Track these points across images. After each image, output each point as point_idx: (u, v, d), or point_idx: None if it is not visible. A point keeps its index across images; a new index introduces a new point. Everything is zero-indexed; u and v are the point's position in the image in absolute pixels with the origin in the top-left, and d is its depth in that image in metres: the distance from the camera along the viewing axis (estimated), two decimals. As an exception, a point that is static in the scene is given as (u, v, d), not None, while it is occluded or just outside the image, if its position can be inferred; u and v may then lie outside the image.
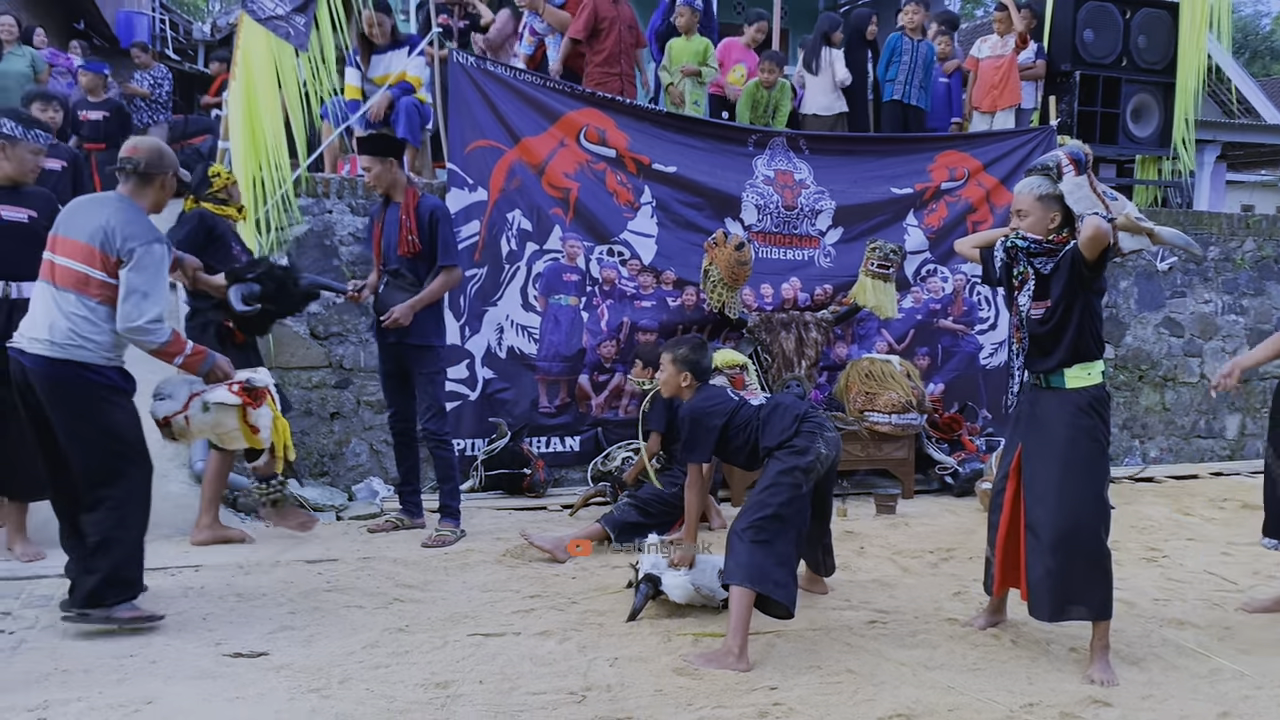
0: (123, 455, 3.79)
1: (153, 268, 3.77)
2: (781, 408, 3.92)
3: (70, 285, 3.73)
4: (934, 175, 7.12)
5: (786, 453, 3.77)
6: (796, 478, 3.73)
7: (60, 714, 3.07)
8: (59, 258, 3.78)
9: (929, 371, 7.08)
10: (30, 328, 3.76)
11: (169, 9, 22.60)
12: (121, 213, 3.80)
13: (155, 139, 4.24)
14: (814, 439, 3.80)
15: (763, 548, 3.62)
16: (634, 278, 6.42)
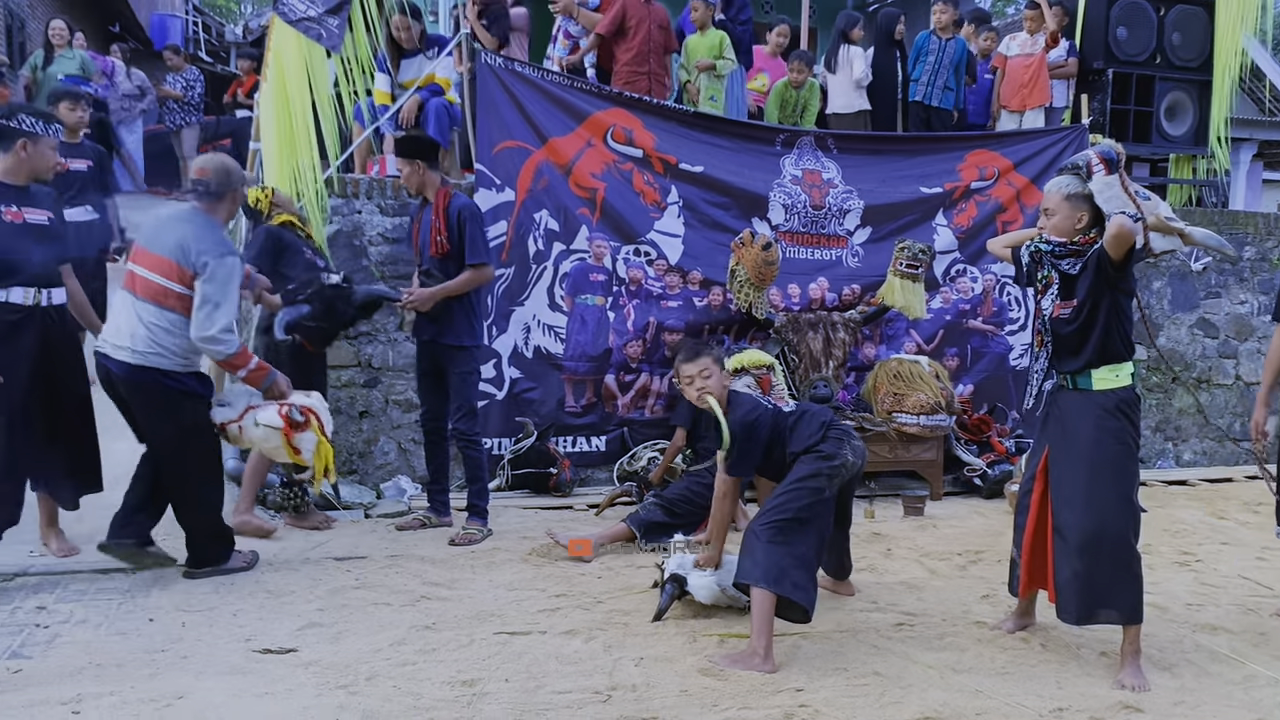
0: (200, 450, 4.26)
1: (224, 280, 4.07)
2: (809, 414, 3.90)
3: (150, 297, 4.07)
4: (963, 174, 7.06)
5: (812, 457, 3.76)
6: (820, 482, 3.71)
7: (93, 708, 3.12)
8: (140, 269, 4.09)
9: (958, 372, 7.03)
10: (114, 334, 4.13)
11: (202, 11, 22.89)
12: (197, 227, 4.14)
13: (222, 157, 4.34)
14: (841, 445, 3.80)
15: (781, 548, 3.61)
16: (660, 278, 6.42)
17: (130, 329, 4.07)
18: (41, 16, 14.13)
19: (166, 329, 4.07)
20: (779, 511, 3.69)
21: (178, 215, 4.26)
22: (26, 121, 4.37)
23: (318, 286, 4.96)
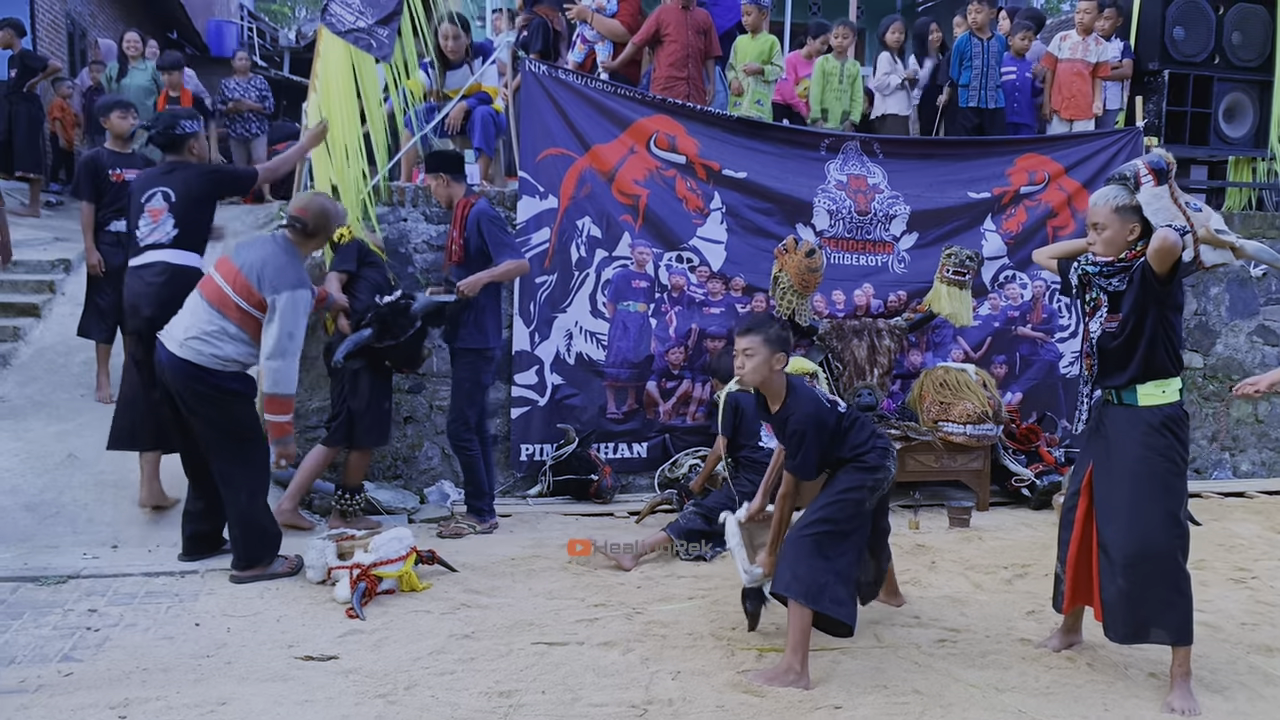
0: (243, 442, 4.40)
1: (300, 310, 4.28)
2: (859, 422, 3.79)
3: (214, 301, 4.29)
4: (1013, 179, 6.94)
5: (856, 466, 3.69)
6: (863, 494, 3.66)
7: (139, 712, 3.19)
8: (217, 275, 4.35)
9: (1006, 380, 6.91)
10: (174, 327, 4.36)
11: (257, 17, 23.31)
12: (280, 255, 4.34)
13: (323, 200, 4.53)
14: (885, 456, 3.72)
15: (821, 562, 3.56)
16: (703, 284, 6.39)
17: (187, 325, 4.31)
18: (103, 25, 14.52)
19: (219, 333, 4.26)
20: (821, 524, 3.64)
21: (269, 238, 4.49)
22: (189, 125, 4.98)
23: (374, 309, 5.07)
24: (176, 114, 5.28)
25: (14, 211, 8.82)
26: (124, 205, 5.95)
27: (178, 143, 5.00)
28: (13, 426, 5.69)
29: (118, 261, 5.95)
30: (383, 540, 4.45)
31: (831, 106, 7.40)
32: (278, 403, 4.29)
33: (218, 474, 4.43)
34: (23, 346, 6.47)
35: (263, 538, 4.50)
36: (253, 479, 4.46)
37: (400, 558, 4.41)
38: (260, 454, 4.50)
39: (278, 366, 4.23)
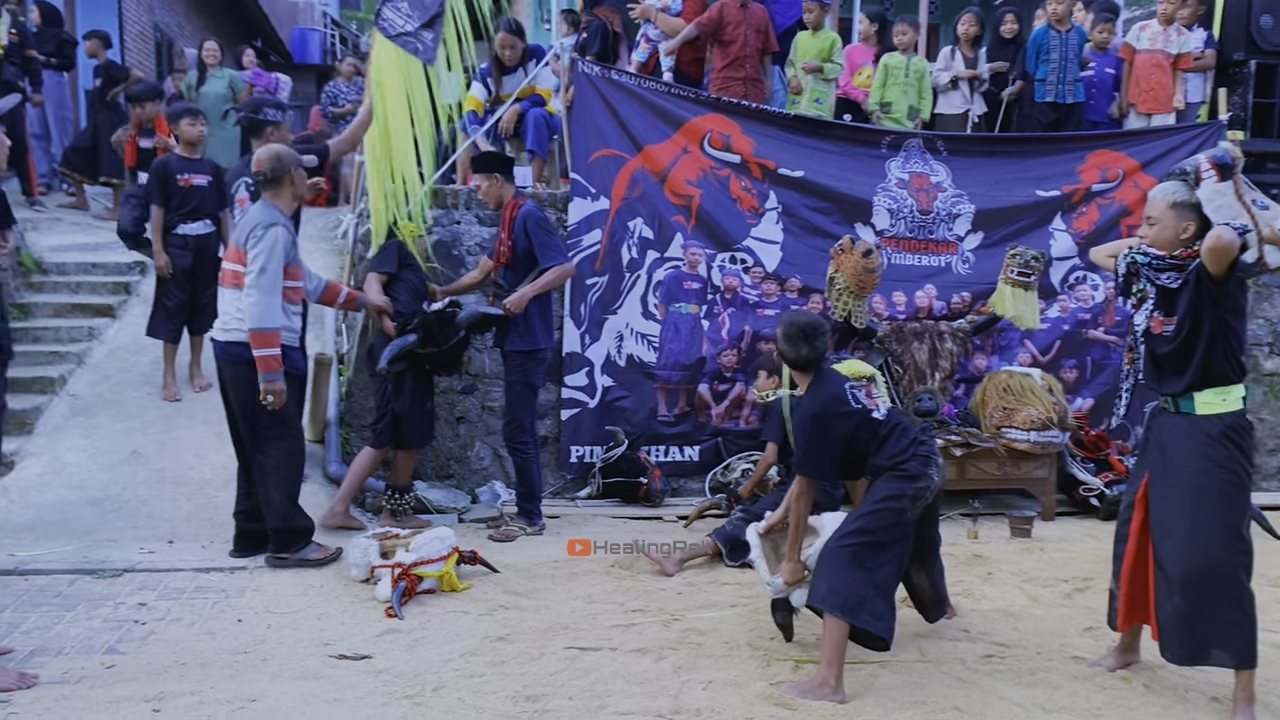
0: (272, 428, 4.54)
1: (268, 245, 4.40)
2: (899, 428, 3.64)
3: (230, 283, 4.55)
4: (1084, 176, 6.68)
5: (896, 475, 3.55)
6: (903, 504, 3.52)
7: (173, 706, 3.25)
8: (227, 263, 4.58)
9: (1076, 385, 6.65)
10: (217, 321, 4.62)
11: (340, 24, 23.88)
12: (256, 213, 4.55)
13: (270, 147, 4.69)
14: (927, 464, 3.57)
15: (860, 573, 3.45)
16: (757, 285, 6.29)
17: (223, 315, 4.58)
18: (189, 35, 15.02)
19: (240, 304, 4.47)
20: (858, 534, 3.52)
21: (253, 208, 4.65)
22: (272, 113, 5.22)
23: (420, 316, 5.11)
24: (262, 101, 5.58)
25: (98, 215, 9.18)
26: (192, 209, 6.15)
27: (258, 127, 5.24)
28: (84, 423, 5.89)
29: (185, 263, 6.13)
30: (425, 540, 4.47)
31: (895, 100, 7.23)
32: (258, 337, 4.41)
33: (254, 463, 4.61)
34: (97, 346, 6.70)
35: (288, 529, 4.63)
36: (280, 471, 4.58)
37: (441, 558, 4.44)
38: (291, 447, 4.65)
39: (253, 300, 4.39)
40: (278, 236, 4.43)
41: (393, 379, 5.16)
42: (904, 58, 7.27)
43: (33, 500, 5.18)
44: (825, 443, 3.59)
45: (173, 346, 6.24)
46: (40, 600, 4.15)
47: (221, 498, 5.32)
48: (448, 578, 4.43)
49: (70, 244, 7.96)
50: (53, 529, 4.96)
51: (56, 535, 4.90)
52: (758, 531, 4.03)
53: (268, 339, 4.42)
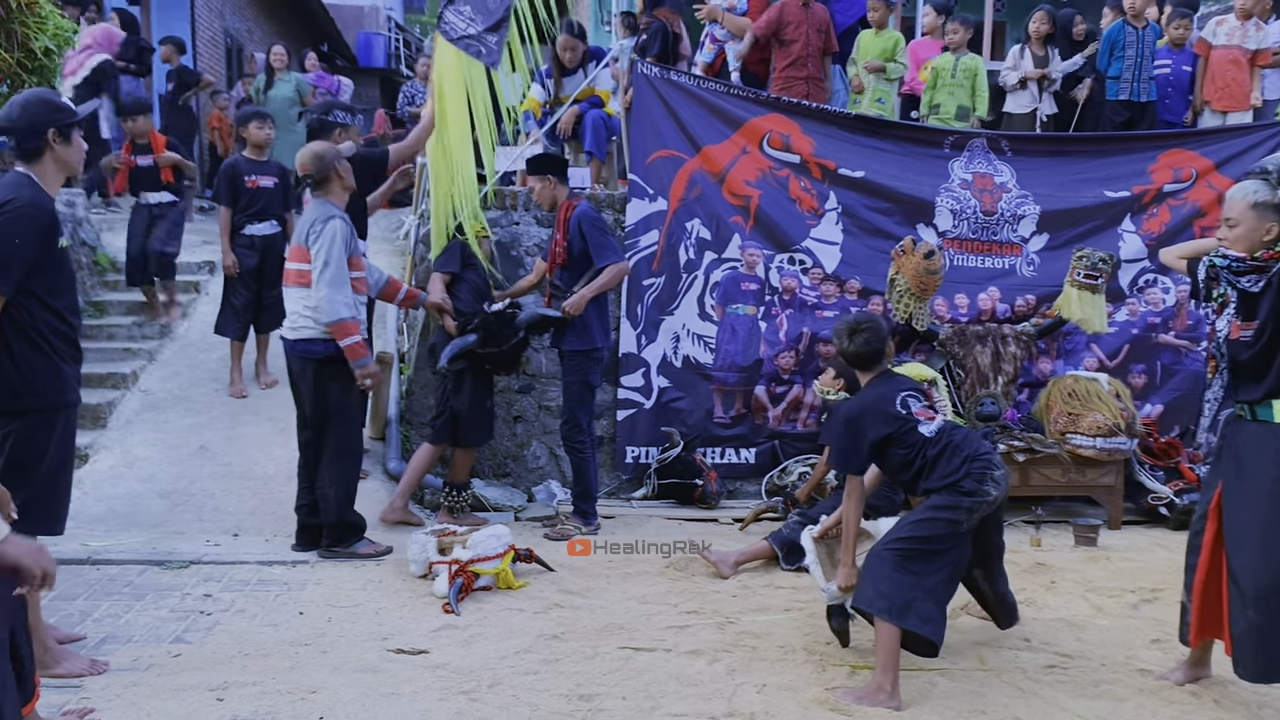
0: (332, 416, 4.67)
1: (327, 238, 4.52)
2: (950, 447, 3.55)
3: (293, 283, 4.67)
4: (1155, 177, 6.50)
5: (951, 491, 3.49)
6: (958, 515, 3.45)
7: (236, 695, 3.32)
8: (289, 262, 4.70)
9: (1145, 391, 6.48)
10: (286, 320, 4.75)
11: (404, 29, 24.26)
12: (312, 211, 4.68)
13: (310, 148, 4.81)
14: (983, 480, 3.47)
15: (908, 577, 3.40)
16: (816, 287, 6.24)
17: (290, 313, 4.69)
18: (259, 40, 15.38)
19: (306, 302, 4.59)
20: (906, 541, 3.47)
21: (307, 207, 4.77)
22: (342, 115, 5.37)
23: (480, 316, 5.17)
24: (332, 104, 5.73)
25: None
26: (259, 210, 6.29)
27: (327, 129, 5.37)
28: (154, 418, 6.06)
29: (252, 263, 6.28)
30: (481, 537, 4.51)
31: (944, 102, 7.13)
32: (338, 329, 4.53)
33: (317, 446, 4.74)
34: (168, 343, 6.89)
35: (342, 524, 4.74)
36: (336, 465, 4.68)
37: (498, 555, 4.47)
38: (350, 444, 4.75)
39: (323, 295, 4.51)
40: (336, 229, 4.53)
41: (452, 377, 5.22)
42: (953, 57, 7.16)
43: (105, 492, 5.34)
44: (854, 443, 3.63)
45: (239, 344, 6.40)
46: (111, 589, 4.27)
47: (285, 493, 5.43)
48: (504, 575, 4.47)
49: (143, 244, 8.18)
50: (123, 520, 5.11)
51: (127, 526, 5.04)
52: (812, 536, 3.99)
53: (347, 329, 4.54)
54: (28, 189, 3.20)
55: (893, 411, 3.62)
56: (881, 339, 3.73)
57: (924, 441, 3.58)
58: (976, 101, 7.24)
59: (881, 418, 3.60)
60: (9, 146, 3.25)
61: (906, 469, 3.60)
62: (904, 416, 3.63)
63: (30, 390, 3.23)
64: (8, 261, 3.13)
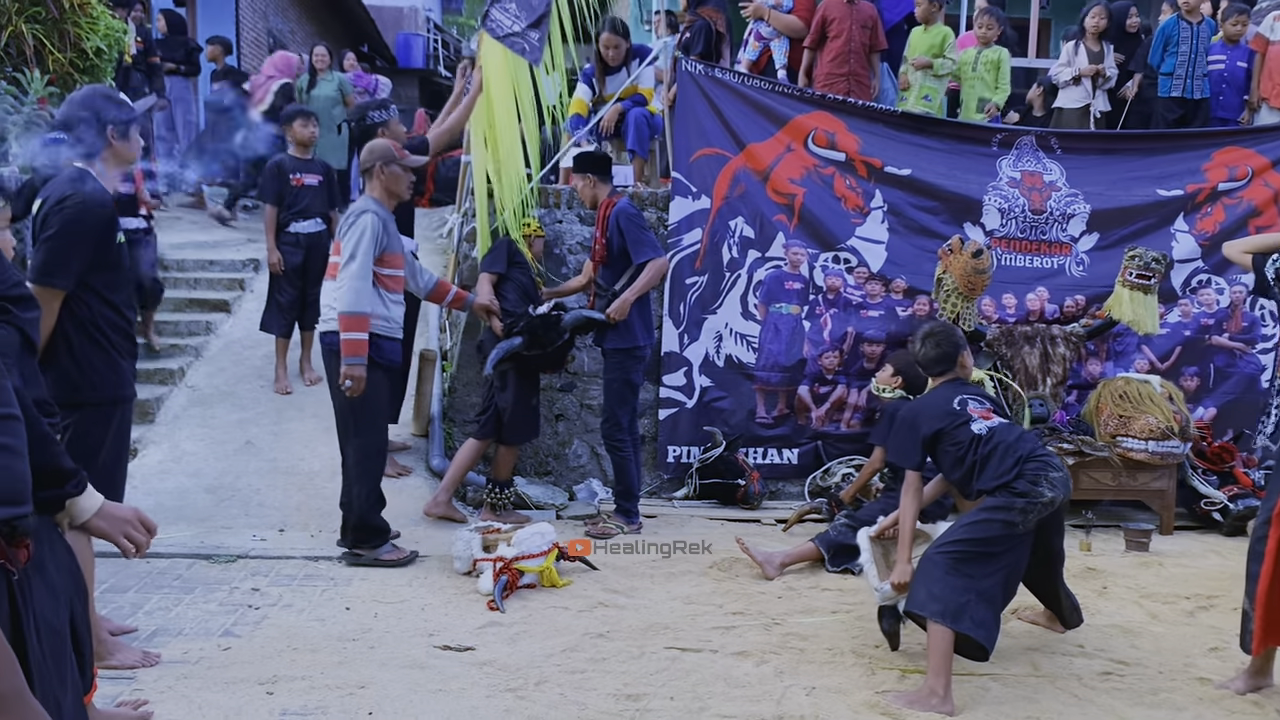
0: (352, 419, 4.56)
1: (356, 232, 4.49)
2: (1002, 448, 3.51)
3: (329, 276, 4.69)
4: (1209, 175, 6.37)
5: (1004, 492, 3.45)
6: (1013, 515, 3.40)
7: (285, 689, 3.33)
8: (331, 256, 4.72)
9: (1198, 394, 6.34)
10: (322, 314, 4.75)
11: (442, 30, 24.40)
12: (354, 205, 4.67)
13: (372, 141, 4.87)
14: (1036, 483, 3.42)
15: (962, 580, 3.35)
16: (860, 286, 6.18)
17: (323, 306, 4.72)
18: (301, 41, 15.54)
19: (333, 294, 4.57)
20: (959, 543, 3.42)
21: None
22: (376, 114, 5.42)
23: (526, 319, 5.16)
24: (365, 106, 5.76)
25: (215, 214, 9.54)
26: (304, 207, 6.34)
27: (370, 132, 5.40)
28: (201, 414, 6.13)
29: (297, 261, 6.32)
30: (525, 535, 4.51)
31: (965, 93, 7.07)
32: (346, 320, 4.45)
33: (341, 442, 4.69)
34: (213, 340, 6.96)
35: (364, 526, 4.62)
36: (358, 463, 4.59)
37: (542, 553, 4.47)
38: (371, 441, 4.64)
39: (343, 286, 4.46)
40: (367, 224, 4.50)
41: (498, 375, 5.23)
42: (975, 50, 7.07)
43: (154, 486, 5.40)
44: (908, 436, 3.71)
45: (284, 341, 6.45)
46: (161, 582, 4.32)
47: (329, 489, 5.46)
48: (548, 573, 4.46)
49: (189, 241, 8.31)
50: (172, 514, 5.16)
51: (175, 520, 5.09)
52: (869, 535, 3.94)
53: (356, 323, 4.44)
54: (86, 184, 3.24)
55: (948, 408, 3.66)
56: (952, 344, 3.82)
57: (974, 439, 3.56)
58: (997, 93, 7.16)
59: (936, 413, 3.66)
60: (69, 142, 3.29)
61: (958, 467, 3.59)
62: (957, 412, 3.65)
63: (88, 384, 3.27)
64: (67, 256, 3.17)
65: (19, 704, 1.39)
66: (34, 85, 6.13)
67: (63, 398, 3.24)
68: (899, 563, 3.66)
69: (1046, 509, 3.44)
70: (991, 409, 3.75)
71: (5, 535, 1.51)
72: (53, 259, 3.17)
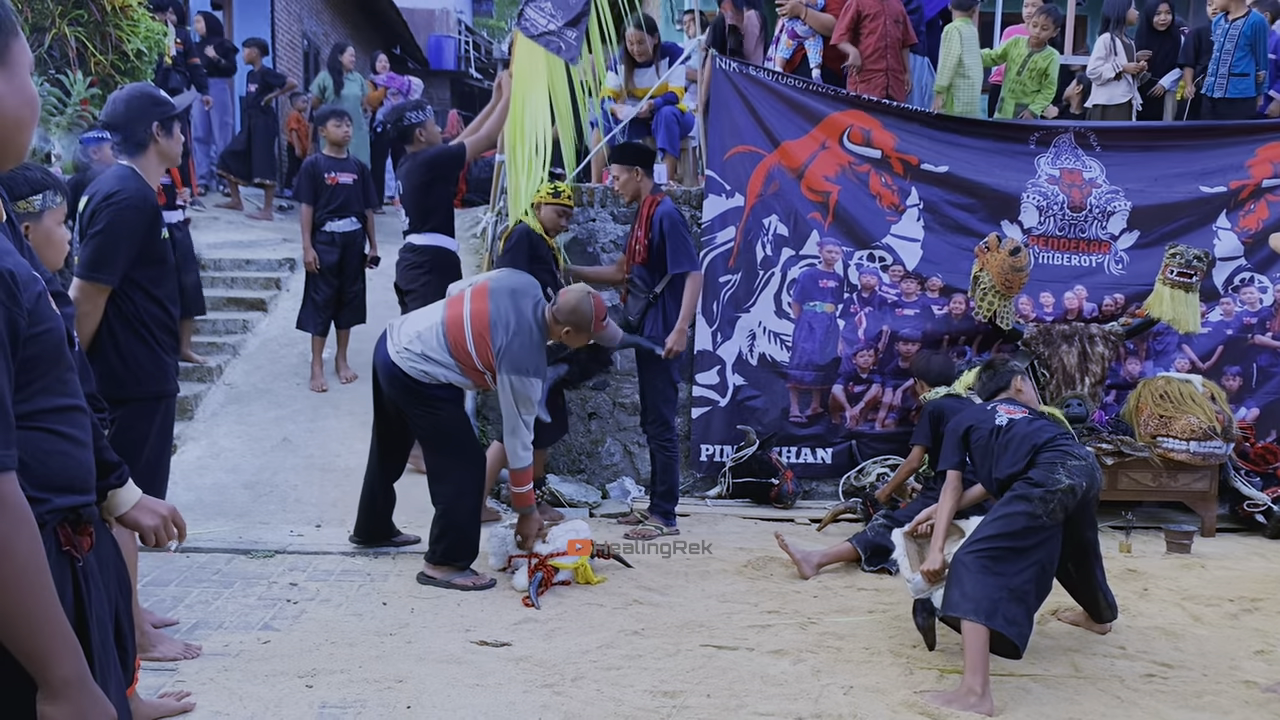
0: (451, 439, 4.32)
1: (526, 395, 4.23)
2: (1018, 438, 3.56)
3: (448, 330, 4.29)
4: (1254, 171, 6.26)
5: (1021, 483, 3.47)
6: (1034, 507, 3.39)
7: (324, 683, 3.35)
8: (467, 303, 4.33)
9: (1240, 394, 6.24)
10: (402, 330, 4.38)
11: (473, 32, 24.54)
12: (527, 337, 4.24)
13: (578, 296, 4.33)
14: (1053, 469, 3.42)
15: (993, 578, 3.33)
16: (896, 284, 6.13)
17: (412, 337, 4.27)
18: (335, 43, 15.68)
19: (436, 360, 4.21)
20: (987, 541, 3.42)
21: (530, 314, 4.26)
22: (412, 115, 5.45)
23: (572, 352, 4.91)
24: (401, 108, 5.77)
25: (250, 215, 9.65)
26: (338, 206, 6.38)
27: (407, 133, 5.48)
28: (238, 411, 6.19)
29: (332, 259, 6.37)
30: (560, 532, 4.51)
31: (1004, 98, 6.99)
32: (515, 475, 4.29)
33: (429, 468, 4.44)
34: (250, 338, 7.04)
35: (459, 540, 4.35)
36: (463, 477, 4.34)
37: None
38: (472, 454, 4.41)
39: (510, 445, 4.21)
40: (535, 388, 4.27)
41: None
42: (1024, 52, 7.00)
43: (193, 482, 5.46)
44: (950, 438, 3.85)
45: (320, 339, 6.50)
46: (201, 576, 4.37)
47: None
48: (582, 570, 4.46)
49: (226, 241, 8.40)
50: (210, 510, 5.22)
51: (214, 515, 5.15)
52: (903, 532, 3.93)
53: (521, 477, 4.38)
54: (132, 181, 3.28)
55: (983, 411, 3.81)
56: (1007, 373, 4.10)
57: (993, 430, 3.66)
58: (1039, 98, 7.10)
59: (975, 413, 3.79)
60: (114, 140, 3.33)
61: (984, 463, 3.65)
62: (989, 411, 3.78)
63: (133, 379, 3.31)
64: (113, 252, 3.21)
65: (82, 691, 1.40)
66: (77, 87, 6.23)
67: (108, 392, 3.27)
68: (932, 551, 3.68)
69: (1068, 497, 3.42)
70: (1025, 411, 3.77)
71: (70, 523, 1.54)
72: (99, 255, 3.21)
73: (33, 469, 1.45)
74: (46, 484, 1.48)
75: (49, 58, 6.38)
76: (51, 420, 1.48)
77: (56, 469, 1.50)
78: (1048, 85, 7.09)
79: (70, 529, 1.54)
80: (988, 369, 4.22)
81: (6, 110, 1.43)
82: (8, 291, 1.36)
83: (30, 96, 1.48)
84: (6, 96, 1.43)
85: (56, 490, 1.50)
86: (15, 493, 1.35)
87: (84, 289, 3.21)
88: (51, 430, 1.48)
